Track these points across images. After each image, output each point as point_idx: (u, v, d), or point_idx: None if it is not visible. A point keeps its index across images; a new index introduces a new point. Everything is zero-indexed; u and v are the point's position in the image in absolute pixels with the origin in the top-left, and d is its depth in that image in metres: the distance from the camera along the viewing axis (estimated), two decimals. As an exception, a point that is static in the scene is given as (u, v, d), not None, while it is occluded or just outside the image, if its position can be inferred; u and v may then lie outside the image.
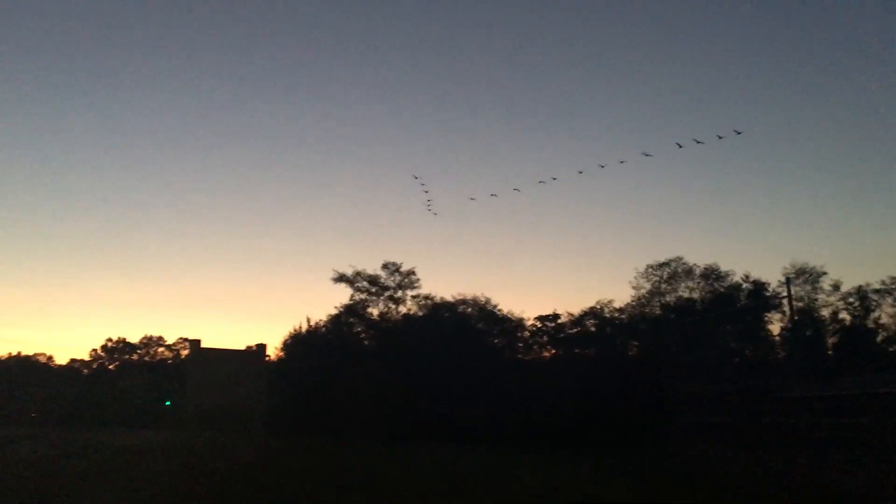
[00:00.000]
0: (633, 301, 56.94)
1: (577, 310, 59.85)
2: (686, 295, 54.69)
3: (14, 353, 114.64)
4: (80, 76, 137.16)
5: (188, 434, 40.27)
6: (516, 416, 46.61)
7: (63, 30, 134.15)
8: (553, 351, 61.90)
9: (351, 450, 32.30)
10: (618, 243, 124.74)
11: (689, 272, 54.50)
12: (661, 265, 55.16)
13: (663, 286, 55.37)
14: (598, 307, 58.29)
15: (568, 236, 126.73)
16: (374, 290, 62.52)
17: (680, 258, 54.81)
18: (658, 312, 55.21)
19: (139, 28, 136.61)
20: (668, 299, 55.25)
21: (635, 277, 56.38)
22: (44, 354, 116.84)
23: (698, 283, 54.50)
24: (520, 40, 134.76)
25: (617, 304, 57.90)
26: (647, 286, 55.91)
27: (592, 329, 58.36)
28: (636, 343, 57.50)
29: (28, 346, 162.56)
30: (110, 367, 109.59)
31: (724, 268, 54.23)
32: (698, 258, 79.63)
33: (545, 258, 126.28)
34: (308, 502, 12.73)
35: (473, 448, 36.96)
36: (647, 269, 55.63)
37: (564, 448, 38.42)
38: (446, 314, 59.76)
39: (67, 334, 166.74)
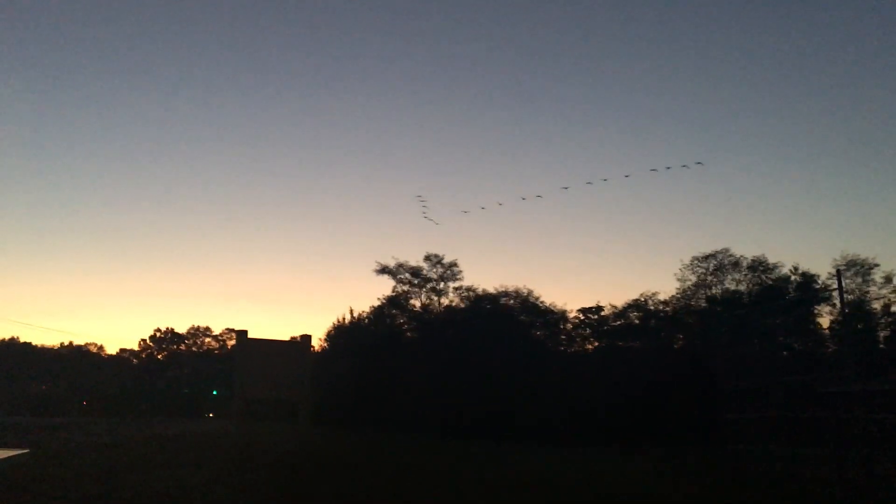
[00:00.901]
0: (678, 293, 56.19)
1: (620, 302, 59.28)
2: (733, 287, 53.72)
3: (66, 343, 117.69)
4: (138, 65, 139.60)
5: (235, 423, 40.88)
6: (559, 410, 46.28)
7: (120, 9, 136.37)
8: (596, 343, 61.39)
9: (395, 442, 32.45)
10: (662, 235, 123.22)
11: (736, 264, 53.51)
12: (708, 257, 54.28)
13: (709, 278, 54.49)
14: (643, 299, 57.65)
15: (611, 228, 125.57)
16: (416, 281, 62.70)
17: (727, 250, 53.87)
18: (704, 305, 54.36)
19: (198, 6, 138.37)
20: (714, 292, 54.35)
21: (681, 269, 55.63)
22: (95, 344, 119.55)
23: (745, 275, 53.49)
24: (559, 37, 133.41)
25: (662, 297, 57.21)
26: (693, 278, 55.09)
27: (636, 322, 57.69)
28: (681, 336, 56.75)
29: (80, 337, 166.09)
30: (159, 356, 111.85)
31: (772, 259, 53.14)
32: (746, 250, 78.48)
33: (588, 251, 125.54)
34: (353, 492, 12.78)
35: (515, 443, 36.82)
36: (692, 261, 54.83)
37: (608, 443, 38.10)
38: (488, 306, 59.62)
39: (117, 325, 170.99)
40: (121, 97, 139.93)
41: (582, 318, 61.95)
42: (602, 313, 60.62)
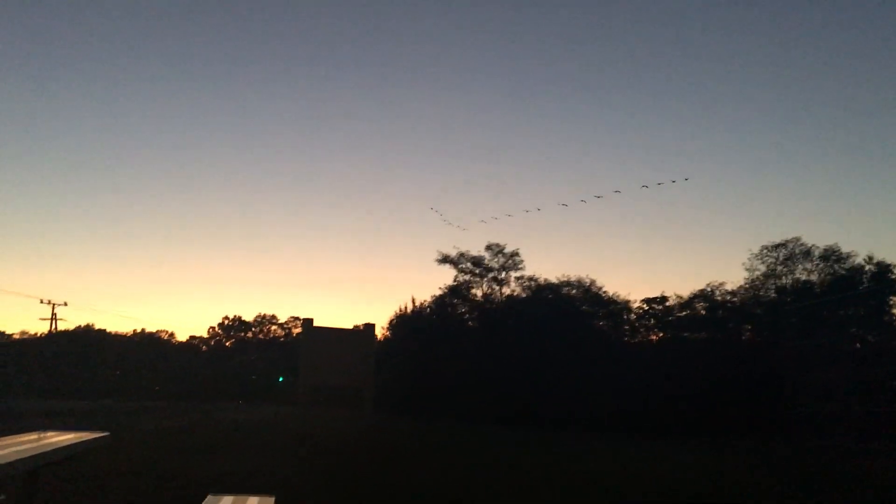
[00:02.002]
0: (746, 284, 54.97)
1: (686, 292, 58.30)
2: (804, 277, 52.25)
3: (139, 330, 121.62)
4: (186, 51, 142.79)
5: (300, 409, 41.65)
6: (622, 401, 45.86)
7: None
8: (660, 335, 60.54)
9: (457, 429, 32.56)
10: (730, 224, 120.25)
11: (807, 253, 52.01)
12: (777, 246, 52.91)
13: (779, 268, 53.10)
14: (709, 290, 56.60)
15: (677, 217, 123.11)
16: (477, 271, 62.64)
17: (797, 239, 52.36)
18: (773, 296, 53.02)
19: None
20: (784, 282, 52.97)
21: (749, 259, 54.40)
22: (166, 332, 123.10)
23: (817, 264, 51.93)
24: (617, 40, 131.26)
25: (729, 287, 56.07)
26: (762, 268, 53.78)
27: (703, 312, 56.67)
28: (749, 328, 55.53)
29: (151, 324, 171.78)
30: (227, 343, 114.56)
31: (845, 249, 51.44)
32: (818, 238, 76.20)
33: (653, 240, 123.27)
34: (423, 480, 12.90)
35: (577, 434, 36.53)
36: (761, 251, 53.54)
37: (671, 436, 37.53)
38: (550, 296, 59.24)
39: (187, 313, 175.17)
40: (185, 85, 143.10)
41: (646, 308, 61.15)
42: (667, 304, 59.73)
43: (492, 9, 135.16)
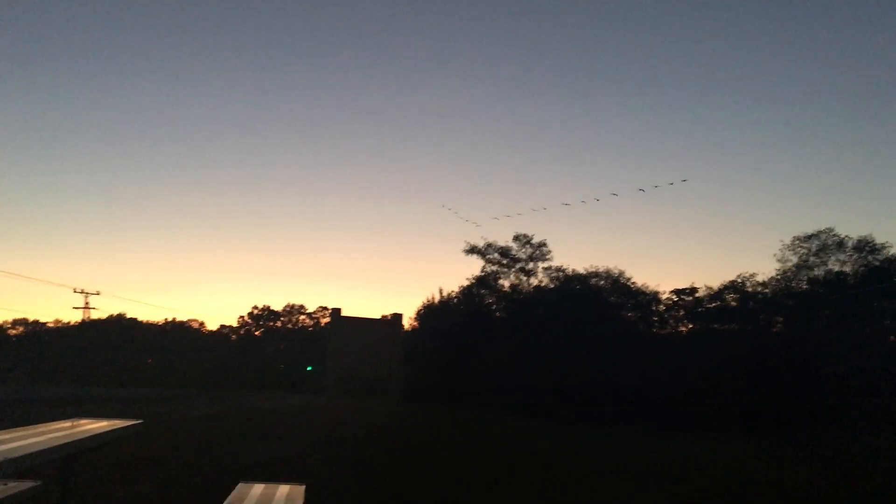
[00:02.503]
0: (777, 275, 54.18)
1: (716, 283, 57.79)
2: (837, 269, 51.35)
3: (169, 319, 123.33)
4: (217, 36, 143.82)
5: (328, 398, 41.98)
6: (650, 392, 45.62)
7: None
8: (690, 326, 60.02)
9: (484, 419, 32.60)
10: (760, 214, 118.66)
11: (840, 244, 51.11)
12: (810, 237, 52.07)
13: (811, 259, 52.27)
14: (739, 281, 55.92)
15: (706, 208, 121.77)
16: (505, 261, 62.44)
17: (830, 229, 51.47)
18: (805, 287, 52.26)
19: None
20: (816, 273, 52.15)
21: (780, 250, 53.60)
22: (196, 321, 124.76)
23: (850, 255, 51.00)
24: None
25: (760, 278, 55.39)
26: (794, 259, 52.95)
27: (733, 304, 56.07)
28: (780, 319, 54.83)
29: (182, 314, 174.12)
30: (256, 333, 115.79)
31: (879, 239, 50.52)
32: (851, 229, 74.87)
33: (682, 230, 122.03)
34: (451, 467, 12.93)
35: (604, 424, 36.41)
36: (793, 241, 52.72)
37: (701, 427, 37.28)
38: (578, 286, 58.94)
39: (217, 302, 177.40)
40: (215, 73, 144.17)
41: (675, 299, 60.63)
42: (696, 295, 59.12)
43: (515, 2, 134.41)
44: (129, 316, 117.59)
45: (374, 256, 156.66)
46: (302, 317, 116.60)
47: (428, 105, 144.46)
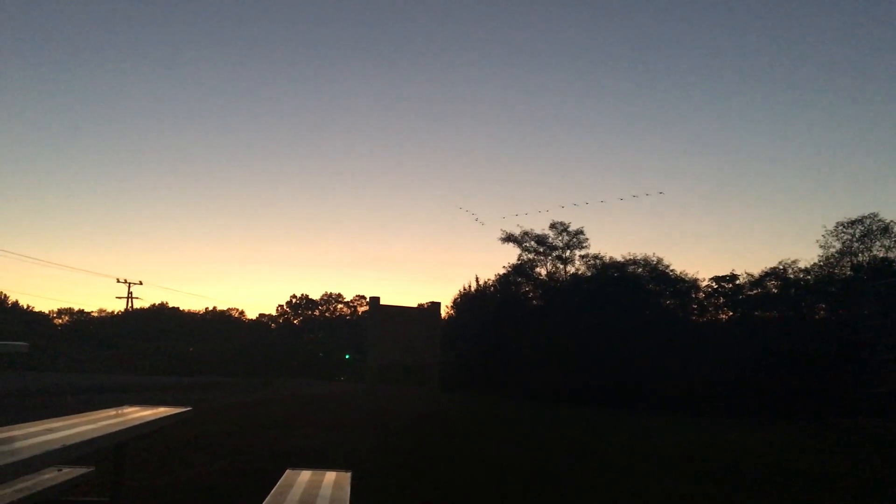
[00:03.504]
0: (820, 261, 53.40)
1: (757, 270, 56.99)
2: (881, 254, 50.39)
3: (210, 308, 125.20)
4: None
5: (367, 386, 42.28)
6: (690, 380, 45.24)
7: None
8: (730, 313, 59.36)
9: (522, 407, 32.55)
10: (803, 199, 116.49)
11: (885, 230, 50.09)
12: (854, 222, 51.12)
13: (855, 245, 51.33)
14: (781, 267, 55.24)
15: (746, 192, 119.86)
16: (541, 249, 62.35)
17: (875, 214, 50.50)
18: (849, 273, 51.32)
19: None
20: (860, 259, 51.19)
21: (823, 236, 52.84)
22: (236, 310, 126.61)
23: (896, 241, 50.02)
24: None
25: (802, 265, 54.57)
26: (837, 245, 52.10)
27: (774, 291, 55.31)
28: (823, 306, 53.95)
29: (222, 303, 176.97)
30: (295, 321, 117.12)
31: (926, 225, 49.42)
32: (896, 214, 73.27)
33: (721, 216, 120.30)
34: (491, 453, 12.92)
35: (642, 412, 36.13)
36: (836, 227, 51.85)
37: (742, 415, 36.81)
38: (615, 274, 58.60)
39: (257, 291, 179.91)
40: (251, 64, 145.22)
41: (715, 286, 60.01)
42: (737, 282, 58.54)
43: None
44: (170, 305, 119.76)
45: (410, 245, 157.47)
46: (339, 305, 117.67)
47: (467, 93, 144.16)
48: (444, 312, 68.46)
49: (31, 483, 4.29)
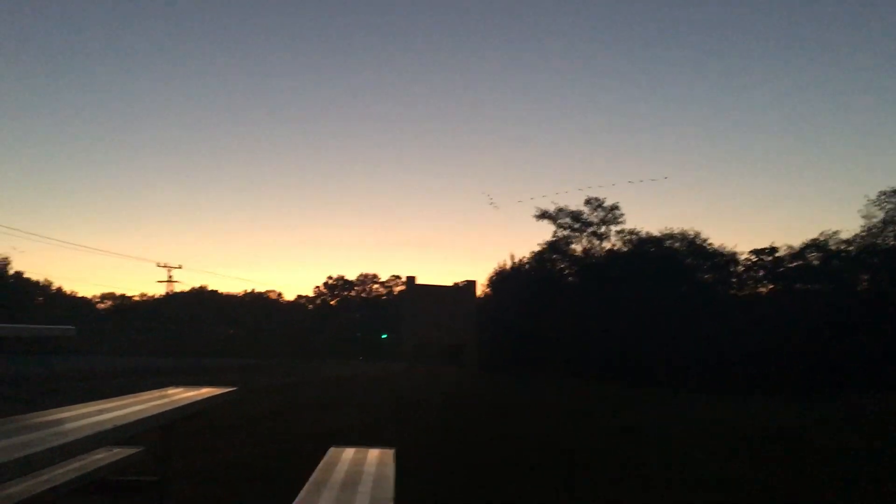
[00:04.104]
0: (862, 232, 52.22)
1: (797, 242, 56.02)
2: (926, 223, 49.19)
3: (248, 290, 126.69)
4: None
5: (404, 366, 42.57)
6: (729, 355, 44.73)
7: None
8: (770, 287, 58.47)
9: (560, 385, 32.48)
10: (844, 168, 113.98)
11: (930, 198, 48.86)
12: (897, 191, 49.89)
13: (899, 214, 50.11)
14: (822, 239, 54.17)
15: (786, 163, 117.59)
16: (576, 226, 61.88)
17: (919, 182, 49.29)
18: (892, 243, 50.17)
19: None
20: (904, 228, 50.02)
21: (865, 206, 51.60)
22: (274, 292, 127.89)
23: (941, 209, 48.76)
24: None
25: (844, 236, 53.47)
26: (880, 214, 50.83)
27: (816, 263, 54.32)
28: (866, 277, 52.87)
29: (260, 285, 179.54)
30: (331, 302, 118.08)
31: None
32: (941, 182, 71.35)
33: (760, 187, 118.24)
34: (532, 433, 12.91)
35: (683, 389, 35.82)
36: (879, 196, 50.57)
37: (782, 391, 36.28)
38: (652, 249, 58.02)
39: (294, 273, 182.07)
40: (290, 50, 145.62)
41: (754, 259, 59.12)
42: (776, 254, 57.57)
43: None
44: (210, 288, 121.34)
45: (444, 224, 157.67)
46: (375, 286, 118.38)
47: (504, 71, 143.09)
48: (479, 291, 68.55)
49: (84, 463, 4.37)
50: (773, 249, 57.72)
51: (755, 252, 58.80)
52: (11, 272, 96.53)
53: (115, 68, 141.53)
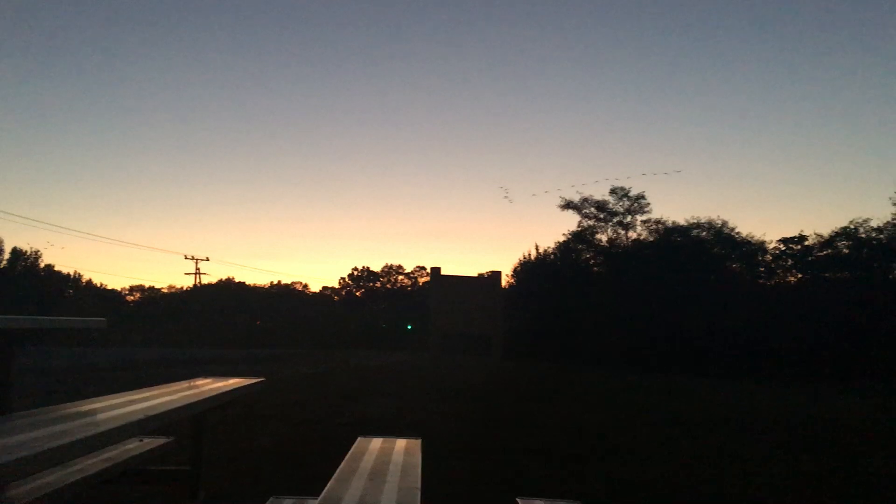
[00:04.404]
0: (893, 219, 51.35)
1: (827, 230, 55.17)
2: (960, 211, 48.31)
3: (275, 282, 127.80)
4: None
5: (430, 356, 42.61)
6: (757, 345, 44.34)
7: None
8: (799, 276, 57.74)
9: (587, 374, 32.39)
10: (874, 156, 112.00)
11: (963, 185, 47.95)
12: (930, 177, 49.05)
13: (932, 202, 49.27)
14: (852, 227, 53.30)
15: (815, 149, 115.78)
16: (602, 215, 61.55)
17: (952, 169, 48.37)
18: (924, 231, 49.35)
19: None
20: (937, 216, 49.13)
21: (896, 192, 50.84)
22: (300, 283, 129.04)
23: (976, 196, 47.81)
24: None
25: (874, 223, 52.61)
26: (912, 202, 50.06)
27: (846, 251, 53.52)
28: (897, 266, 52.05)
29: (286, 276, 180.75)
30: (357, 293, 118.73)
31: None
32: (975, 169, 69.88)
33: (789, 174, 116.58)
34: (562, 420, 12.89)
35: (711, 378, 35.55)
36: (911, 183, 49.80)
37: (811, 380, 35.88)
38: (678, 238, 57.52)
39: (319, 265, 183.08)
40: (314, 41, 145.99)
41: (783, 248, 58.39)
42: (806, 243, 56.81)
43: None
44: (236, 280, 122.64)
45: (468, 215, 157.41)
46: (400, 277, 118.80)
47: (528, 60, 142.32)
48: (504, 282, 68.46)
49: (116, 453, 4.42)
50: (802, 238, 57.01)
51: (784, 241, 58.11)
52: (42, 265, 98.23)
53: (140, 59, 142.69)
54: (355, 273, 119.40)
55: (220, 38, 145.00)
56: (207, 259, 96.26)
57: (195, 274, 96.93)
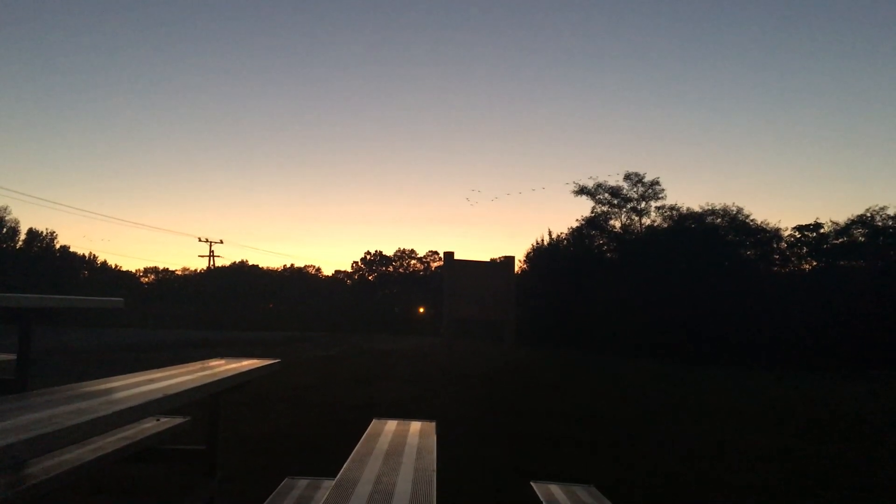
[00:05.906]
0: (910, 207, 50.88)
1: (842, 218, 54.66)
2: (979, 199, 47.73)
3: (288, 265, 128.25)
4: None
5: (443, 341, 42.67)
6: (771, 332, 44.10)
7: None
8: (814, 263, 57.28)
9: (600, 361, 32.34)
10: (891, 141, 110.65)
11: (982, 173, 47.33)
12: (948, 166, 48.46)
13: (950, 190, 48.71)
14: (868, 215, 52.76)
15: (830, 136, 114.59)
16: (615, 201, 61.19)
17: (971, 157, 47.75)
18: (942, 218, 48.81)
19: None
20: (955, 204, 48.59)
21: (915, 180, 50.28)
22: (313, 267, 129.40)
23: None
24: None
25: (891, 211, 52.05)
26: (930, 190, 49.51)
27: (861, 239, 53.04)
28: (913, 254, 51.56)
29: (299, 260, 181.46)
30: (369, 277, 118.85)
31: None
32: None
33: (804, 161, 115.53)
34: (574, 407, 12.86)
35: (723, 366, 35.45)
36: (929, 171, 49.21)
37: (825, 368, 35.68)
38: (693, 225, 57.15)
39: (333, 249, 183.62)
40: (334, 34, 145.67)
41: (798, 236, 57.91)
42: (821, 231, 56.30)
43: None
44: (250, 263, 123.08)
45: (480, 200, 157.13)
46: (413, 261, 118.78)
47: (541, 48, 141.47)
48: (517, 267, 68.26)
49: (133, 432, 4.44)
50: (817, 225, 56.54)
51: (799, 228, 57.64)
52: (58, 246, 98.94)
53: (155, 44, 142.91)
54: (368, 257, 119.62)
55: (240, 20, 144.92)
56: (221, 242, 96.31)
57: (209, 256, 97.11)
